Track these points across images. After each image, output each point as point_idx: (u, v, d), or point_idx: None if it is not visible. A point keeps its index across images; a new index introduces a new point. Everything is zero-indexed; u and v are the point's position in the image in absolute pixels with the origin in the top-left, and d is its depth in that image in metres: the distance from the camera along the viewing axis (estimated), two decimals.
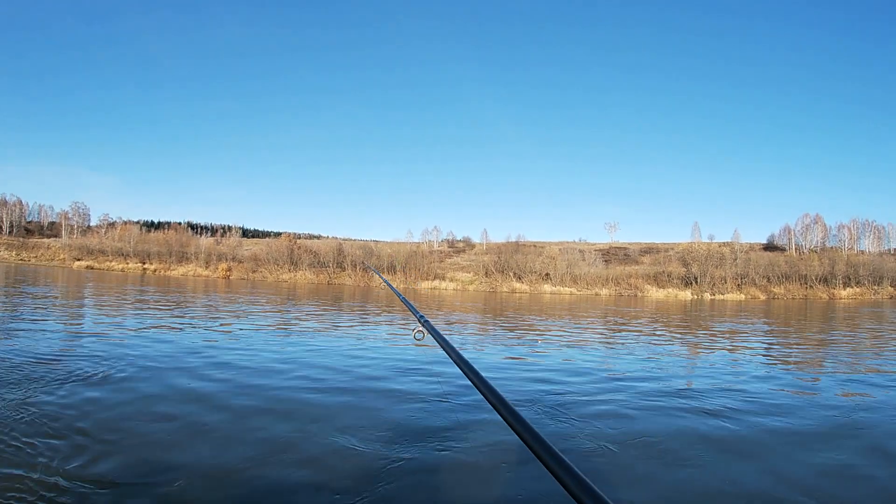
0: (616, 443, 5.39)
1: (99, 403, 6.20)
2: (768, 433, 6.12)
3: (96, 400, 6.36)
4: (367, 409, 6.34)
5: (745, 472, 4.92)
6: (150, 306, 20.61)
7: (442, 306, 30.48)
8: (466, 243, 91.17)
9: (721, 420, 6.55)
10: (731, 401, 7.63)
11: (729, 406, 7.30)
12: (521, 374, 9.42)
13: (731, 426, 6.30)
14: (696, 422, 6.40)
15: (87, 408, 5.93)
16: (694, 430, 6.07)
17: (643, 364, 11.09)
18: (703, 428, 6.18)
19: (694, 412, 6.92)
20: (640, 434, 5.75)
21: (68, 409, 5.76)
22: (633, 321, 24.15)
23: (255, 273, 67.68)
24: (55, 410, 5.77)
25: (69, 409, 5.77)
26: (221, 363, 9.22)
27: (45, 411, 5.73)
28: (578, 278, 61.86)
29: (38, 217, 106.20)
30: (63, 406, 5.87)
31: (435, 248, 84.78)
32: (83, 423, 5.37)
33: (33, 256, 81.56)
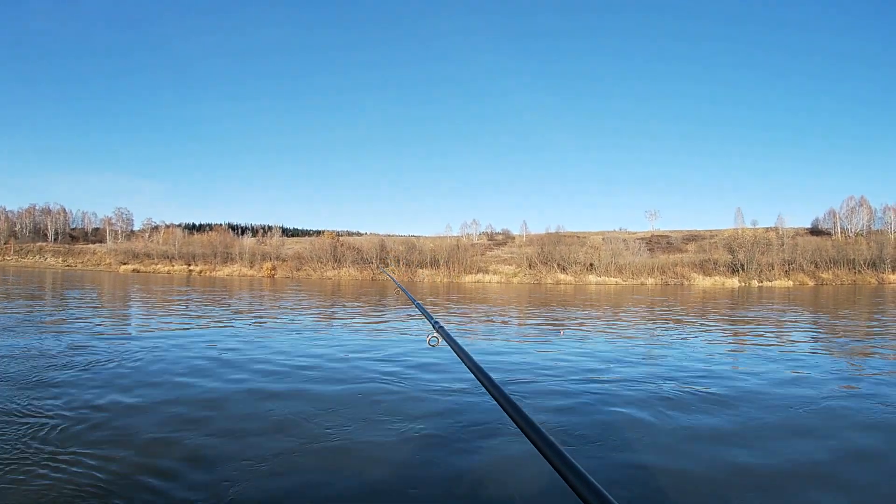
0: (627, 445, 5.17)
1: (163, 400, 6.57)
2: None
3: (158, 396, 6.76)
4: (383, 408, 6.30)
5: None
6: (199, 305, 22.33)
7: (485, 299, 31.50)
8: (506, 236, 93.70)
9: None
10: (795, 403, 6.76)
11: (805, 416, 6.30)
12: (528, 364, 9.35)
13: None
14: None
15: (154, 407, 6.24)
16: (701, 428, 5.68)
17: (678, 355, 10.60)
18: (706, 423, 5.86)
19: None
20: (650, 437, 5.40)
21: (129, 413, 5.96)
22: (676, 310, 24.39)
23: (299, 271, 71.12)
24: (117, 409, 6.06)
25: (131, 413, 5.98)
26: (275, 357, 9.77)
27: (116, 409, 6.08)
28: (623, 268, 64.07)
29: (82, 223, 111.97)
30: (124, 408, 6.09)
31: (474, 241, 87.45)
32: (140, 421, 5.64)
33: (79, 262, 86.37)
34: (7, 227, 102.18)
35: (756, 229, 78.82)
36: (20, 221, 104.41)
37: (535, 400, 6.81)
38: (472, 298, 32.36)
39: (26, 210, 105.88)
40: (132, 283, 44.36)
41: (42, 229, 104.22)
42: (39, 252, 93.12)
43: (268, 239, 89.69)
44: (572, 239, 74.70)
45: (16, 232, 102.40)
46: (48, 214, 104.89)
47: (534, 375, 8.26)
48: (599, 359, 9.92)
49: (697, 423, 5.86)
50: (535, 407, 6.42)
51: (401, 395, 6.96)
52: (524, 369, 8.77)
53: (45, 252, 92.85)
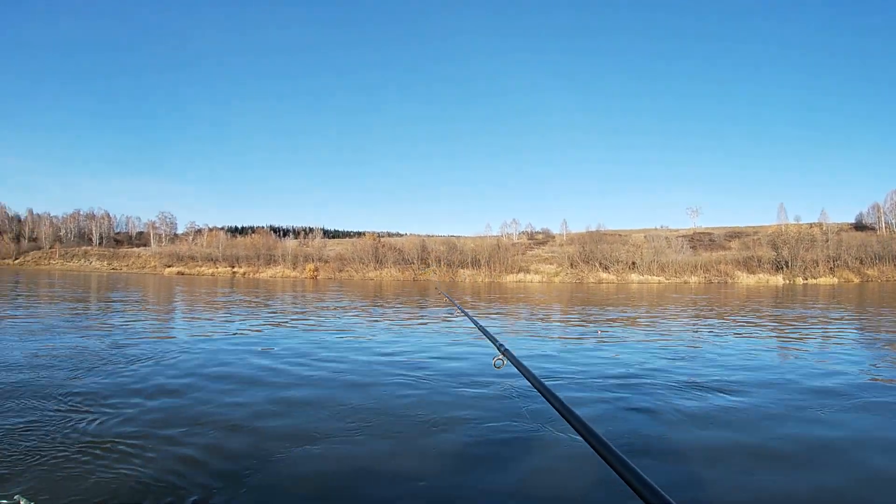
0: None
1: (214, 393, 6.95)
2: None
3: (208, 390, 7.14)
4: (441, 412, 6.13)
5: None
6: (242, 306, 22.92)
7: (526, 299, 31.45)
8: (546, 235, 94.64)
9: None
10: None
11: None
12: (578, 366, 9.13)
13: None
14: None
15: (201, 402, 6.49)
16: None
17: (715, 356, 10.41)
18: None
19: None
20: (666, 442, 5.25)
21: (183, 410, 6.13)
22: (719, 309, 24.04)
23: (341, 272, 72.99)
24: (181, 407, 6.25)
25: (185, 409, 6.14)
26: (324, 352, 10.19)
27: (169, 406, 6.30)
28: (666, 266, 64.74)
29: (126, 228, 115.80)
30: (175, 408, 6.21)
31: (514, 240, 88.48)
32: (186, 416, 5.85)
33: (124, 265, 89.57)
34: (52, 231, 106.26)
35: (800, 225, 78.81)
36: (65, 226, 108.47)
37: (570, 394, 6.97)
38: (513, 298, 32.64)
39: (71, 215, 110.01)
40: (177, 284, 46.02)
41: (87, 234, 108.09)
42: (85, 256, 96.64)
43: (310, 241, 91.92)
44: (613, 237, 75.47)
45: (61, 237, 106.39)
46: (92, 219, 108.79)
47: (570, 375, 8.29)
48: (635, 359, 9.79)
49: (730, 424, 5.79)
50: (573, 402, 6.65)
51: (447, 395, 6.97)
52: (563, 370, 8.72)
53: (91, 256, 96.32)
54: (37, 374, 7.73)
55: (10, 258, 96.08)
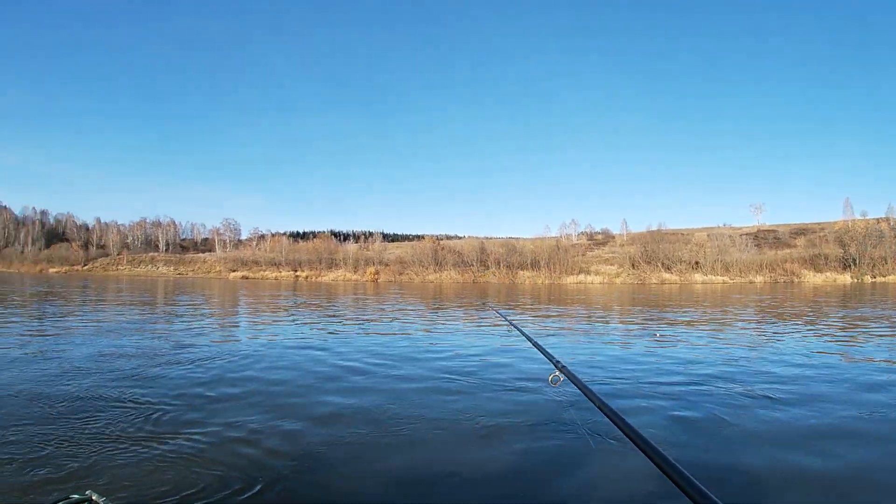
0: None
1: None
2: None
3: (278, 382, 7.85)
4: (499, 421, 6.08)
5: None
6: (305, 308, 24.00)
7: (585, 301, 31.04)
8: (606, 235, 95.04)
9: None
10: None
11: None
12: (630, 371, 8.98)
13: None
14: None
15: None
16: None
17: (776, 358, 10.25)
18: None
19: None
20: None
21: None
22: (784, 310, 23.55)
23: (401, 275, 74.66)
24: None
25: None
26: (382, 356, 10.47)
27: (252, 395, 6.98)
28: (730, 265, 64.73)
29: (192, 234, 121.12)
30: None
31: (573, 241, 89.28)
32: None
33: (190, 270, 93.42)
34: (120, 239, 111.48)
35: (867, 220, 77.42)
36: (132, 234, 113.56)
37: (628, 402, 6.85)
38: (573, 300, 32.38)
39: (137, 223, 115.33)
40: (241, 288, 47.75)
41: (153, 240, 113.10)
42: (151, 262, 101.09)
43: (370, 244, 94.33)
44: (675, 236, 75.62)
45: (128, 244, 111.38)
46: (159, 227, 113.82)
47: (628, 380, 8.14)
48: (692, 364, 9.62)
49: (788, 427, 5.82)
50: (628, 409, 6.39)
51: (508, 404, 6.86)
52: (615, 376, 8.52)
53: (157, 262, 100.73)
54: (102, 373, 8.34)
55: (79, 265, 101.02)
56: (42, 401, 6.58)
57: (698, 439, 5.45)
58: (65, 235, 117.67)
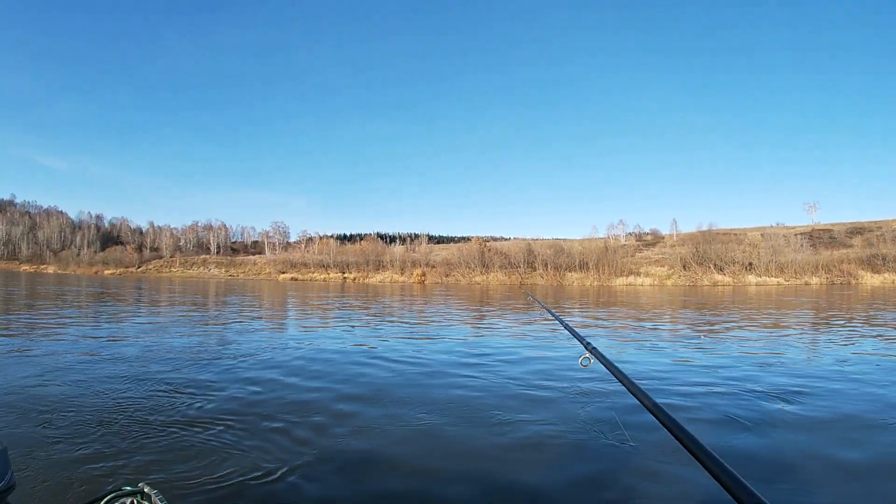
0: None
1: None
2: None
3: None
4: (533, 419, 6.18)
5: None
6: (350, 309, 25.05)
7: (634, 304, 30.58)
8: (655, 235, 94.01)
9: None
10: None
11: None
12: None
13: None
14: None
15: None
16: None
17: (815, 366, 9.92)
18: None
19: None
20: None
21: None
22: (839, 314, 22.95)
23: (448, 277, 75.45)
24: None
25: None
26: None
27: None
28: (785, 267, 63.85)
29: (242, 237, 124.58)
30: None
31: (622, 242, 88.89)
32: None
33: (241, 272, 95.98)
34: (173, 242, 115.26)
35: None
36: (184, 237, 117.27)
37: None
38: (621, 302, 32.26)
39: (189, 227, 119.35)
40: (290, 289, 48.63)
41: (205, 243, 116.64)
42: (203, 264, 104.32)
43: (416, 246, 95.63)
44: (727, 237, 74.66)
45: (180, 246, 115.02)
46: (210, 230, 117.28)
47: (665, 383, 8.18)
48: (732, 369, 9.46)
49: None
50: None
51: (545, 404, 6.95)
52: (657, 376, 8.69)
53: (209, 263, 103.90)
54: (149, 367, 8.82)
55: (133, 267, 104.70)
56: (93, 394, 6.98)
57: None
58: (119, 239, 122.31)
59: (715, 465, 1.08)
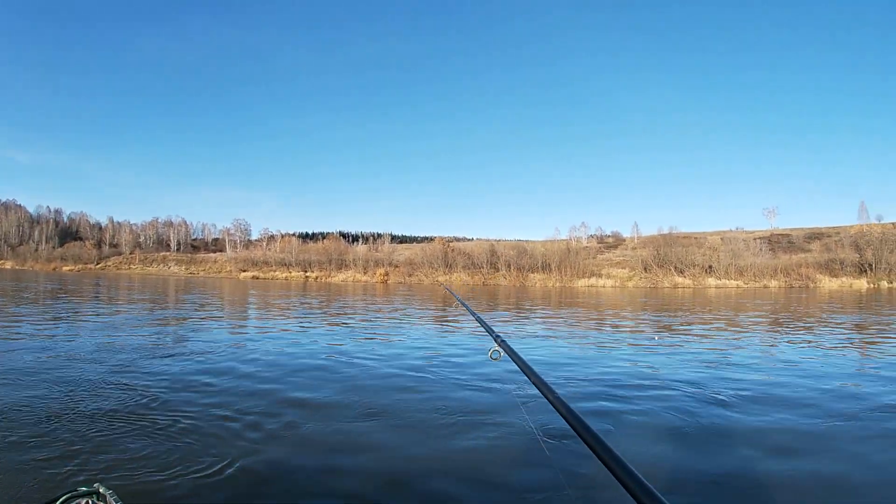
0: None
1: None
2: None
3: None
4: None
5: None
6: (310, 308, 24.87)
7: (595, 305, 31.09)
8: (616, 238, 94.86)
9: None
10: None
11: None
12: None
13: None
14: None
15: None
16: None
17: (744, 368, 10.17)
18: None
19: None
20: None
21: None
22: (792, 316, 23.63)
23: (410, 277, 74.30)
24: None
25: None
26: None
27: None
28: (744, 270, 64.02)
29: (203, 234, 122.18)
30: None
31: (584, 244, 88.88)
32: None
33: (201, 270, 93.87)
34: (132, 238, 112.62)
35: (883, 225, 76.57)
36: (144, 233, 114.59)
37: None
38: (582, 304, 32.59)
39: (150, 223, 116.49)
40: (251, 288, 47.97)
41: (165, 240, 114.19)
42: (163, 261, 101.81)
43: (379, 246, 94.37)
44: (688, 240, 74.93)
45: (140, 243, 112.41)
46: (170, 227, 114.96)
47: (597, 381, 8.57)
48: (671, 369, 9.77)
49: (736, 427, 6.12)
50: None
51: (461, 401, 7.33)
52: (592, 376, 9.02)
53: (169, 261, 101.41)
54: (103, 365, 8.93)
55: (92, 263, 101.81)
56: (46, 392, 7.00)
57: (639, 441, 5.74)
58: (78, 234, 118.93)
59: (611, 459, 1.09)
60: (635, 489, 0.99)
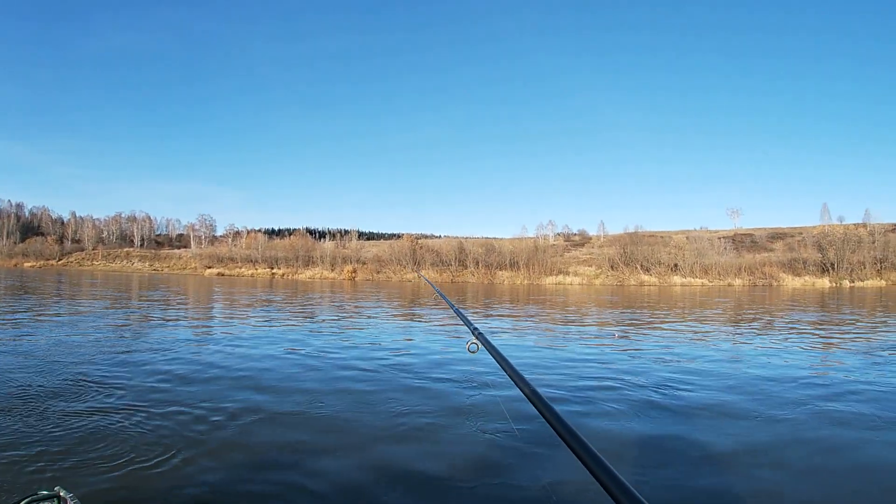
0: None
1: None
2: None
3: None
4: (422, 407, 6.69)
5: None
6: (277, 306, 24.58)
7: (560, 303, 31.17)
8: (583, 236, 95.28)
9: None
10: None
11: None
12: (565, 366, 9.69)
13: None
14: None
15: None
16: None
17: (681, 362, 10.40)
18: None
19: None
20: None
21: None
22: (752, 313, 24.19)
23: (379, 274, 73.48)
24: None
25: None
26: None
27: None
28: (709, 268, 64.42)
29: (167, 230, 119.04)
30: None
31: (551, 242, 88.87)
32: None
33: (166, 266, 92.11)
34: (95, 233, 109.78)
35: (846, 226, 77.73)
36: (107, 228, 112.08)
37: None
38: (550, 301, 32.81)
39: (113, 217, 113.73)
40: (216, 285, 47.78)
41: (129, 235, 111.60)
42: (127, 257, 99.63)
43: (346, 242, 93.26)
44: (654, 239, 75.19)
45: (103, 238, 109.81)
46: (134, 221, 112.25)
47: (555, 373, 8.83)
48: (619, 365, 9.96)
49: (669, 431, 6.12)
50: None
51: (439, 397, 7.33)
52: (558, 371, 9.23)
53: (133, 257, 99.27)
54: (60, 361, 8.86)
55: (54, 259, 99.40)
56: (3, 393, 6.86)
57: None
58: (40, 229, 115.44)
59: (586, 454, 1.08)
60: (608, 482, 0.98)
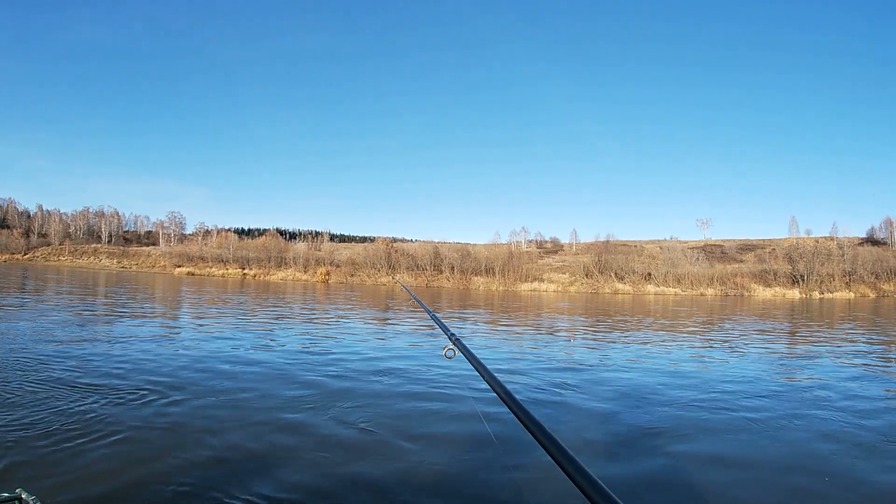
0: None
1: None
2: None
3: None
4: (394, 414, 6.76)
5: None
6: (248, 308, 24.33)
7: (539, 310, 31.48)
8: (555, 244, 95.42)
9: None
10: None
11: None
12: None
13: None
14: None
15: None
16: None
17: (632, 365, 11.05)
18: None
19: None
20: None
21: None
22: (723, 322, 24.68)
23: (353, 277, 72.16)
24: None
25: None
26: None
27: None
28: (682, 278, 64.30)
29: (135, 226, 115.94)
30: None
31: (524, 248, 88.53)
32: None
33: (134, 264, 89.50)
34: (62, 228, 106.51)
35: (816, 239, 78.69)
36: (74, 223, 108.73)
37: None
38: (525, 308, 33.02)
39: (80, 213, 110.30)
40: (185, 285, 46.84)
41: (96, 231, 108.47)
42: (94, 253, 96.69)
43: (319, 244, 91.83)
44: (626, 248, 75.12)
45: (70, 233, 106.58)
46: (102, 217, 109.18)
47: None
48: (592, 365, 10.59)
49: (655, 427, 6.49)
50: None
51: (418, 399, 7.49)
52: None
53: (100, 253, 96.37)
54: (19, 363, 8.63)
55: (20, 253, 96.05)
56: None
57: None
58: (6, 222, 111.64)
59: (560, 454, 1.10)
60: (581, 481, 1.00)
